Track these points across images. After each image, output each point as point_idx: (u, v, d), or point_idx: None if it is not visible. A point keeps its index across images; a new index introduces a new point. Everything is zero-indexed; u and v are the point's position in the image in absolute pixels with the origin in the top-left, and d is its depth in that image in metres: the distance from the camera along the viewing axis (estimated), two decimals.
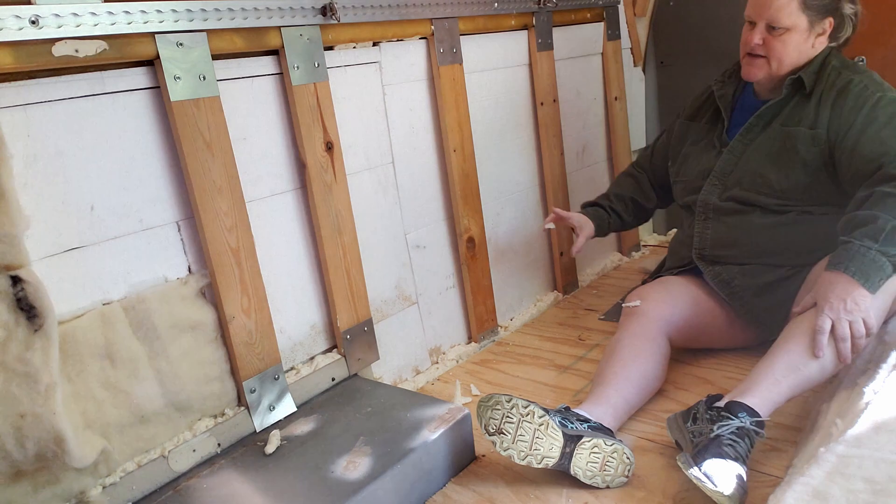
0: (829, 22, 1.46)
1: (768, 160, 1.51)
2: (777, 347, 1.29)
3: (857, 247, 1.24)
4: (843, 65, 1.49)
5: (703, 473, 1.09)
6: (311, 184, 1.47)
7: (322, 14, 1.43)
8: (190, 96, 1.25)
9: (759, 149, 1.53)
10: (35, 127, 1.11)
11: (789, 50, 1.47)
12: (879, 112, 1.39)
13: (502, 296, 2.03)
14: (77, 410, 1.16)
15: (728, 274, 1.56)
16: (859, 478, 0.93)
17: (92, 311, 1.18)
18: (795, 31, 1.45)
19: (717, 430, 1.16)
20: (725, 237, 1.57)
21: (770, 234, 1.52)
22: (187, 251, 1.32)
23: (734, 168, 1.56)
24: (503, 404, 1.25)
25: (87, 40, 1.11)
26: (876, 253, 1.22)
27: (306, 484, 1.20)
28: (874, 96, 1.41)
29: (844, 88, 1.44)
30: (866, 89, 1.42)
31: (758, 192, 1.52)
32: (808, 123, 1.47)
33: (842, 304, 1.23)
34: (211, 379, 1.35)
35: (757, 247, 1.54)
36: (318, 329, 1.57)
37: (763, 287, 1.53)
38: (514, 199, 2.06)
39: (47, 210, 1.13)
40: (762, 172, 1.51)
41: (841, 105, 1.43)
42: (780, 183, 1.49)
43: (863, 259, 1.23)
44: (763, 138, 1.53)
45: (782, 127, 1.50)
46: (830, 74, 1.47)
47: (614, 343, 1.49)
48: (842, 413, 1.11)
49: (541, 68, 2.05)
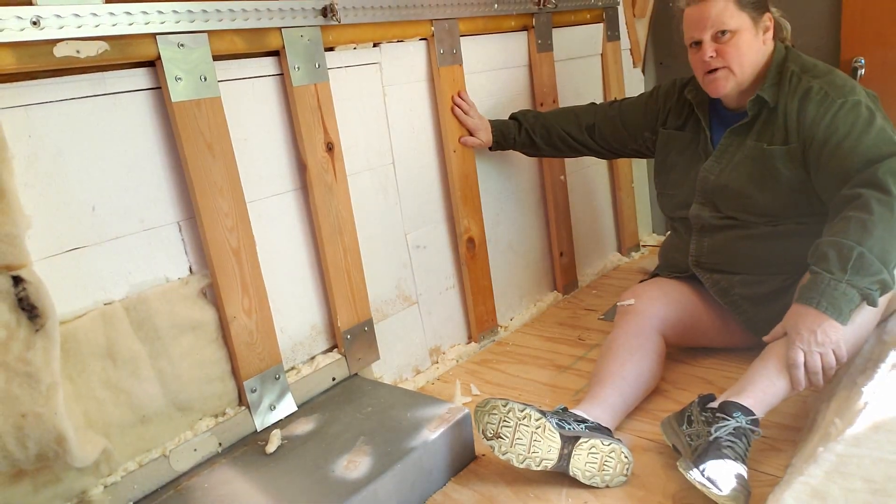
0: (768, 17, 1.44)
1: (751, 182, 1.47)
2: (770, 348, 1.29)
3: (826, 279, 1.21)
4: (801, 69, 1.44)
5: (707, 478, 1.10)
6: (311, 184, 1.47)
7: (322, 15, 1.43)
8: (191, 97, 1.25)
9: (738, 169, 1.49)
10: (36, 127, 1.11)
11: (744, 51, 1.42)
12: (839, 122, 1.35)
13: (502, 296, 2.03)
14: (78, 410, 1.16)
15: (727, 282, 1.55)
16: (858, 477, 0.94)
17: (93, 311, 1.19)
18: (744, 31, 1.41)
19: (714, 433, 1.16)
20: (722, 248, 1.55)
21: (767, 246, 1.50)
22: (188, 251, 1.33)
23: (717, 188, 1.52)
24: (500, 408, 1.25)
25: (88, 41, 1.11)
26: (846, 285, 1.20)
27: (307, 483, 1.21)
28: (835, 104, 1.36)
29: (805, 96, 1.40)
30: (826, 97, 1.38)
31: (745, 211, 1.49)
32: (780, 139, 1.43)
33: (813, 336, 1.21)
34: (212, 379, 1.35)
35: (755, 258, 1.52)
36: (318, 329, 1.58)
37: (762, 297, 1.52)
38: (514, 199, 2.06)
39: (48, 210, 1.13)
40: (748, 194, 1.48)
41: (804, 115, 1.39)
42: (768, 205, 1.46)
43: (833, 293, 1.20)
44: (741, 158, 1.49)
45: (757, 143, 1.46)
46: (791, 81, 1.43)
47: (610, 342, 1.49)
48: (841, 412, 1.12)
49: (541, 69, 2.05)
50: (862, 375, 1.20)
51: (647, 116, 1.75)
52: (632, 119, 1.78)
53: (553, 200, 2.14)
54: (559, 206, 2.17)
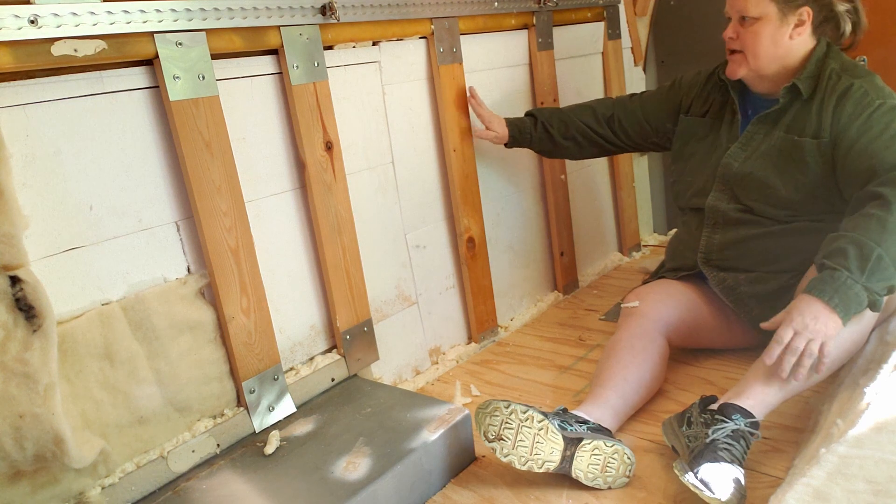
0: (805, 12, 1.40)
1: (775, 171, 1.46)
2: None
3: (843, 277, 1.18)
4: (842, 67, 1.43)
5: (700, 480, 1.09)
6: (310, 184, 1.47)
7: (321, 13, 1.43)
8: (189, 96, 1.24)
9: (764, 158, 1.48)
10: (34, 127, 1.11)
11: (762, 41, 1.41)
12: (874, 121, 1.34)
13: (502, 296, 2.02)
14: (76, 411, 1.15)
15: (733, 280, 1.55)
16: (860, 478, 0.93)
17: (91, 312, 1.18)
18: (766, 21, 1.40)
19: (712, 435, 1.16)
20: (734, 244, 1.54)
21: (780, 243, 1.49)
22: (186, 251, 1.32)
23: (740, 176, 1.51)
24: (502, 410, 1.24)
25: (85, 40, 1.10)
26: (861, 287, 1.18)
27: (306, 484, 1.20)
28: (874, 104, 1.36)
29: (845, 94, 1.39)
30: (866, 95, 1.38)
31: (766, 202, 1.48)
32: (812, 132, 1.42)
33: (812, 321, 1.18)
34: (210, 379, 1.35)
35: (766, 255, 1.51)
36: (317, 329, 1.57)
37: (768, 295, 1.51)
38: (514, 199, 2.06)
39: (46, 210, 1.13)
40: (770, 184, 1.47)
41: (840, 111, 1.39)
42: (790, 196, 1.45)
43: (847, 292, 1.18)
44: (767, 147, 1.48)
45: (787, 135, 1.46)
46: (831, 78, 1.42)
47: (613, 343, 1.49)
48: (843, 413, 1.11)
49: (541, 68, 2.05)
50: (864, 376, 1.20)
51: (670, 107, 1.75)
52: (653, 111, 1.78)
53: (553, 200, 2.14)
54: (560, 206, 2.16)
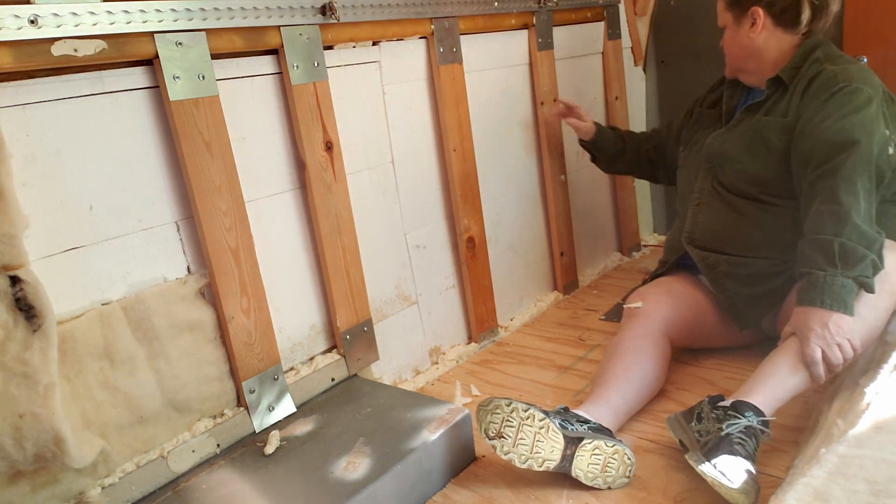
0: (754, 12, 1.49)
1: (745, 149, 1.52)
2: (779, 348, 1.29)
3: (821, 277, 1.24)
4: (826, 57, 1.47)
5: (719, 471, 1.09)
6: (310, 183, 1.47)
7: (321, 13, 1.43)
8: (189, 96, 1.24)
9: (740, 137, 1.54)
10: (34, 126, 1.11)
11: (729, 45, 1.59)
12: (832, 103, 1.37)
13: (502, 296, 2.02)
14: (76, 411, 1.15)
15: (714, 260, 1.57)
16: (860, 478, 0.93)
17: (91, 311, 1.18)
18: (729, 28, 1.57)
19: (726, 429, 1.16)
20: (716, 224, 1.57)
21: (759, 226, 1.51)
22: (186, 251, 1.32)
23: (718, 154, 1.57)
24: (503, 408, 1.24)
25: (86, 40, 1.10)
26: (842, 278, 1.22)
27: (306, 484, 1.20)
28: (837, 86, 1.38)
29: (815, 77, 1.43)
30: (833, 78, 1.40)
31: (738, 178, 1.52)
32: (781, 113, 1.47)
33: (826, 330, 1.21)
34: (210, 379, 1.35)
35: (746, 238, 1.53)
36: (317, 329, 1.57)
37: (746, 277, 1.53)
38: (514, 199, 2.06)
39: (46, 210, 1.13)
40: (740, 159, 1.52)
41: (807, 92, 1.43)
42: (758, 172, 1.49)
43: (832, 288, 1.22)
44: (743, 128, 1.54)
45: (763, 117, 1.51)
46: (812, 66, 1.46)
47: (615, 344, 1.49)
48: (843, 413, 1.11)
49: (541, 68, 2.05)
50: (864, 376, 1.20)
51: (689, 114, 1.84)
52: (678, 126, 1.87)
53: (553, 200, 2.14)
54: (559, 206, 2.16)
